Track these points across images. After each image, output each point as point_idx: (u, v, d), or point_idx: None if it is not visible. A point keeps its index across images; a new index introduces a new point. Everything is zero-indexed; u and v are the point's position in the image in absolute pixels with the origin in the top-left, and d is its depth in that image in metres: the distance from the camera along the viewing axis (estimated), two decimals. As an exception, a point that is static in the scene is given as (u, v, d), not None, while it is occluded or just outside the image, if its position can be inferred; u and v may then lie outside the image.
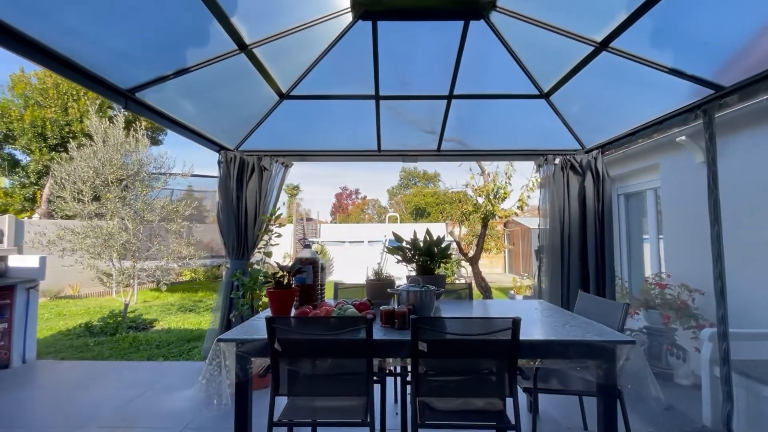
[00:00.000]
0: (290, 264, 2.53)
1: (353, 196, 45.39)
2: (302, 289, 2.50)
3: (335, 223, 35.52)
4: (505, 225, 15.71)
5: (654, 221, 4.78)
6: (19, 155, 11.19)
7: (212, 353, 1.88)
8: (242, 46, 2.53)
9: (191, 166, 7.01)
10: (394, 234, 3.00)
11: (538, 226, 4.13)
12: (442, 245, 2.74)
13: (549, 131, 4.04)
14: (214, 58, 2.56)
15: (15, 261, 4.21)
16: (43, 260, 4.26)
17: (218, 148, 3.87)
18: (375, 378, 2.01)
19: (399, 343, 1.89)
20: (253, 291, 3.45)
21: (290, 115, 3.90)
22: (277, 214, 3.98)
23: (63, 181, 5.47)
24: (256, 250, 4.05)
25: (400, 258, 2.87)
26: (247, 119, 3.78)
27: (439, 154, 4.20)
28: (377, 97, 3.44)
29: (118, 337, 5.04)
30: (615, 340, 1.85)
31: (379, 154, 4.17)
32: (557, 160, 4.00)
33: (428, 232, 2.86)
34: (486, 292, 5.48)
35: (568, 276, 3.88)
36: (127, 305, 5.73)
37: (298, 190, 39.21)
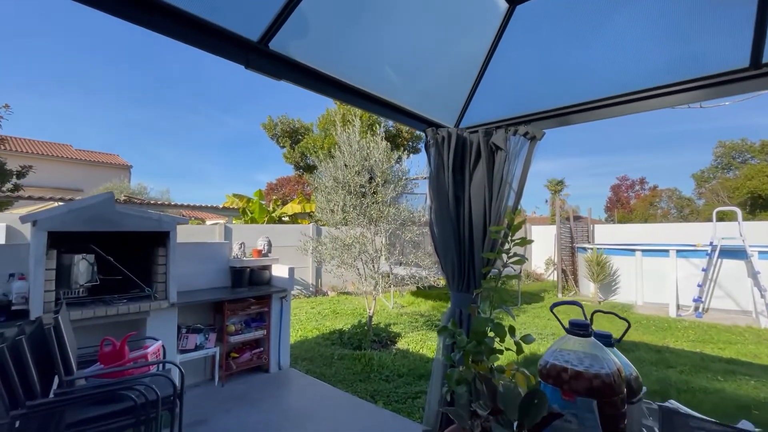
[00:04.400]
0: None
1: (636, 187, 35.70)
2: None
3: (612, 222, 28.73)
4: None
5: None
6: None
7: None
8: None
9: (424, 167, 6.33)
10: None
11: None
12: None
13: None
14: None
15: (275, 271, 4.51)
16: (291, 271, 4.37)
17: (425, 125, 2.64)
18: None
19: None
20: (475, 362, 1.98)
21: (532, 43, 2.19)
22: (516, 222, 2.34)
23: (319, 192, 5.93)
24: (490, 277, 2.55)
25: None
26: (459, 71, 2.37)
27: None
28: None
29: (358, 354, 4.76)
30: None
31: (758, 73, 1.77)
32: None
33: None
34: None
35: None
36: (371, 317, 5.55)
37: (563, 185, 34.28)
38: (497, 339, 1.93)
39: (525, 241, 2.18)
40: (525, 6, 1.92)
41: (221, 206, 13.24)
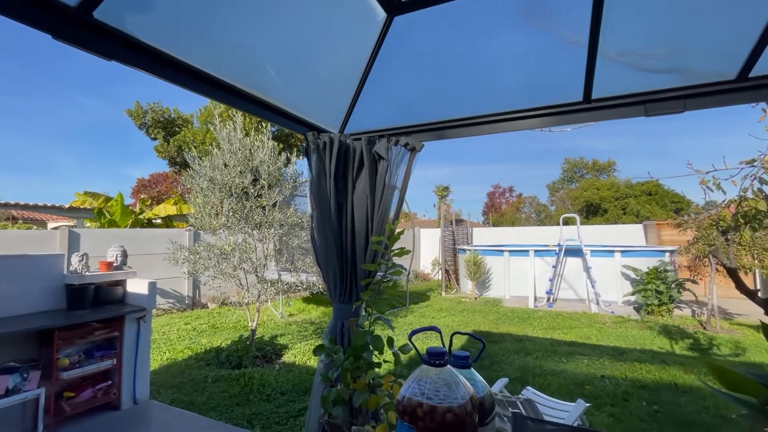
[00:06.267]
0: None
1: (507, 194, 41.38)
2: None
3: (487, 225, 32.63)
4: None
5: None
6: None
7: None
8: None
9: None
10: None
11: None
12: None
13: None
14: None
15: (132, 286, 3.81)
16: (152, 286, 3.74)
17: (305, 128, 2.49)
18: None
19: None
20: (353, 378, 1.89)
21: (411, 57, 2.24)
22: (397, 232, 2.35)
23: (194, 194, 5.27)
24: (370, 288, 2.51)
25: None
26: (343, 76, 2.30)
27: (746, 86, 1.81)
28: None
29: (237, 374, 4.32)
30: None
31: (588, 107, 2.08)
32: None
33: None
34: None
35: None
36: (254, 330, 5.12)
37: (449, 190, 37.67)
38: (376, 352, 1.87)
39: (403, 252, 2.18)
40: (403, 18, 1.92)
41: (67, 206, 10.93)
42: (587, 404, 2.87)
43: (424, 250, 15.71)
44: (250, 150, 5.14)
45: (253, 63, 1.99)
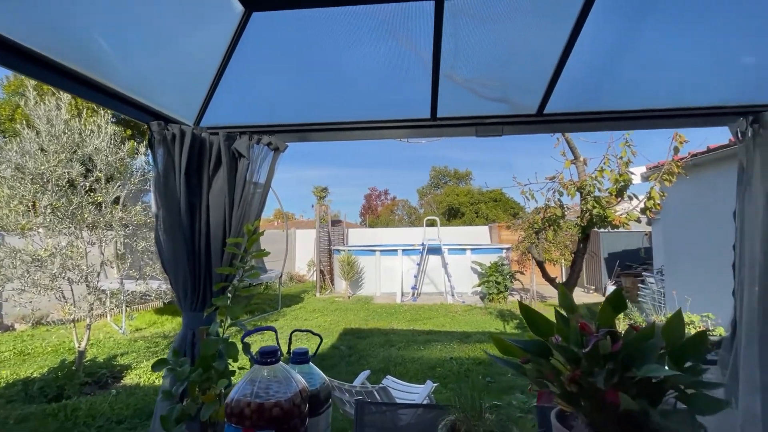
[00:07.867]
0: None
1: (383, 197, 43.88)
2: None
3: (364, 226, 33.96)
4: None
5: None
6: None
7: None
8: None
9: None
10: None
11: (737, 233, 2.20)
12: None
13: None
14: None
15: None
16: None
17: (150, 116, 2.20)
18: None
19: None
20: (203, 391, 1.73)
21: (275, 56, 2.21)
22: (256, 233, 2.28)
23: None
24: (227, 293, 2.36)
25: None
26: (197, 65, 2.12)
27: (541, 120, 2.34)
28: (441, -10, 1.66)
29: (56, 408, 3.52)
30: None
31: (434, 123, 2.38)
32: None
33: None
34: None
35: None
36: (82, 352, 4.24)
37: (327, 192, 37.94)
38: (231, 360, 1.78)
39: (260, 254, 2.13)
40: (264, 15, 1.88)
41: None
42: (435, 384, 3.26)
43: (300, 252, 15.44)
44: (81, 134, 4.23)
45: (80, 35, 1.68)
